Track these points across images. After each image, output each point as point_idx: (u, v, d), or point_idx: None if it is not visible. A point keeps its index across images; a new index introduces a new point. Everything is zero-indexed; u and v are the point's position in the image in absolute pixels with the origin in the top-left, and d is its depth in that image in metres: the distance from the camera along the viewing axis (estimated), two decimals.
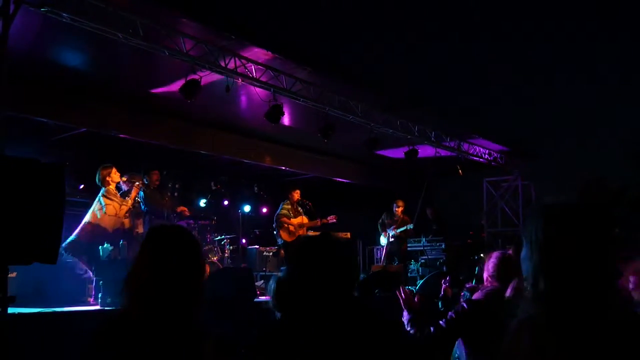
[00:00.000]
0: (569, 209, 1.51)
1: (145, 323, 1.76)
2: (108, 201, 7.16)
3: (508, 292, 3.20)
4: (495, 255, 3.53)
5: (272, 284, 2.86)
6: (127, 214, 7.33)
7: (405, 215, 10.86)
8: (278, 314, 2.78)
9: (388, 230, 10.80)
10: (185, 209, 7.83)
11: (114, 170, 7.37)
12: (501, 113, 9.99)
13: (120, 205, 7.24)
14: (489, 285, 3.49)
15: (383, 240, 10.97)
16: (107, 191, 7.25)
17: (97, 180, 7.35)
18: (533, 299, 1.48)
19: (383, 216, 10.99)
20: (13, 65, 5.52)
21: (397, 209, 10.83)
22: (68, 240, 6.76)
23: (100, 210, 7.09)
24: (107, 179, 7.28)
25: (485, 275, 3.54)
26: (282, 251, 10.05)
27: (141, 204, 7.65)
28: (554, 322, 1.40)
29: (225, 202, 12.18)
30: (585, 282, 1.42)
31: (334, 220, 10.10)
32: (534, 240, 1.51)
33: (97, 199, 7.24)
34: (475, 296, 3.51)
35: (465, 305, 3.32)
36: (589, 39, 7.31)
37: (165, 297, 1.78)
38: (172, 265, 1.82)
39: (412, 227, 10.79)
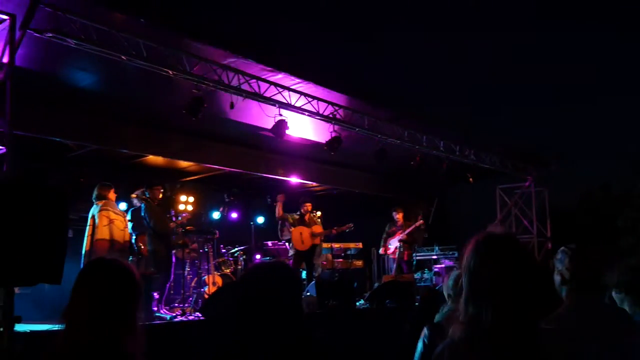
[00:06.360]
0: (495, 240, 1.58)
1: (80, 353, 1.85)
2: (102, 221, 7.20)
3: None
4: (454, 272, 3.26)
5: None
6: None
7: (407, 221, 10.90)
8: None
9: (391, 242, 10.83)
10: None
11: (112, 190, 7.55)
12: (512, 119, 9.93)
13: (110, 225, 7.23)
14: (447, 304, 3.24)
15: (383, 250, 11.04)
16: (101, 209, 7.28)
17: (93, 197, 7.48)
18: (462, 323, 1.56)
19: (387, 227, 11.05)
20: (25, 87, 5.69)
21: (397, 216, 10.89)
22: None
23: (91, 235, 7.16)
24: (107, 195, 7.46)
25: (445, 293, 3.29)
26: (292, 261, 10.12)
27: (144, 219, 7.70)
28: (474, 347, 1.47)
29: (238, 214, 12.32)
30: (507, 310, 1.49)
31: (352, 228, 10.14)
32: (465, 267, 1.61)
33: (89, 220, 7.31)
34: (437, 318, 3.24)
35: (428, 335, 2.89)
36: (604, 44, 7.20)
37: (100, 329, 1.87)
38: (106, 299, 1.91)
39: (422, 221, 10.81)
